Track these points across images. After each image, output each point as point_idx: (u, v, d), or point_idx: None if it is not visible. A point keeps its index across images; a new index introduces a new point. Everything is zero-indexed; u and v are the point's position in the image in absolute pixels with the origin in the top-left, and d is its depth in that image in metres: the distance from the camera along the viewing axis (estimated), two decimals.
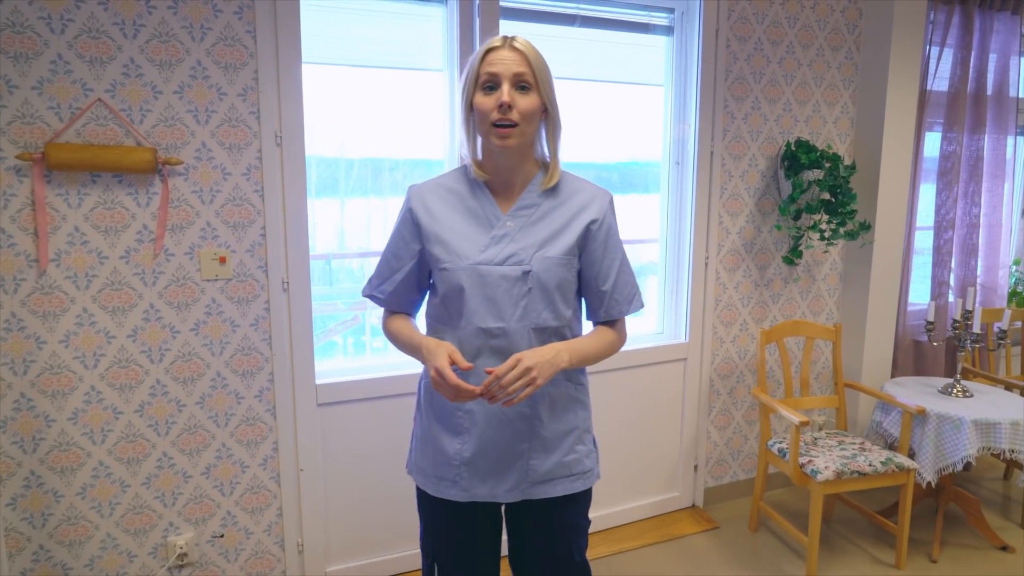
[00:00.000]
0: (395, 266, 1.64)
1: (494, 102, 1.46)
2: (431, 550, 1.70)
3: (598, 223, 1.59)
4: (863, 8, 3.28)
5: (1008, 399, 2.99)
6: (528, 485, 1.60)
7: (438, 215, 1.58)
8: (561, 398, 1.62)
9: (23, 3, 1.98)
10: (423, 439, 1.68)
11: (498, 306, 1.53)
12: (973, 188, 3.61)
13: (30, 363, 2.14)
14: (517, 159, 1.55)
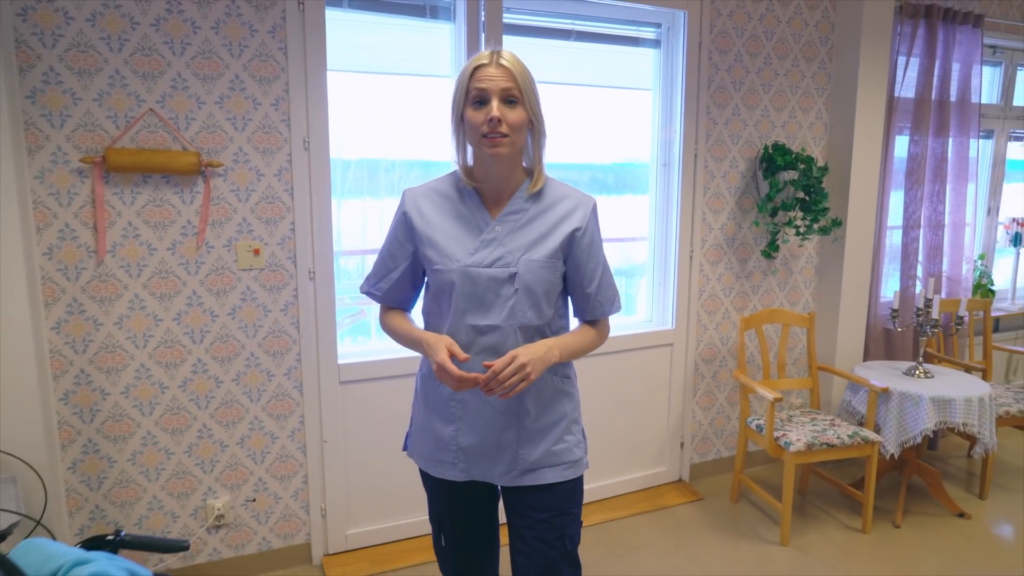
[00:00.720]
0: (391, 265, 1.73)
1: (484, 116, 1.53)
2: (437, 521, 1.83)
3: (582, 230, 1.66)
4: (835, 22, 3.57)
5: (965, 380, 3.28)
6: (518, 472, 1.69)
7: (430, 218, 1.66)
8: (547, 390, 1.70)
9: (87, 25, 2.26)
10: (421, 426, 1.78)
11: (487, 305, 1.61)
12: (938, 188, 3.90)
13: (89, 342, 2.42)
14: (507, 167, 1.62)
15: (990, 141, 4.45)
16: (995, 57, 4.30)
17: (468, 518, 1.80)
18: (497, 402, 1.64)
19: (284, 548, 2.82)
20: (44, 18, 2.22)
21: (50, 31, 2.23)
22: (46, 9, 2.21)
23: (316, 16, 2.53)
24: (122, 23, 2.30)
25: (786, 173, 3.45)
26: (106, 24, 2.29)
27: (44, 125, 2.26)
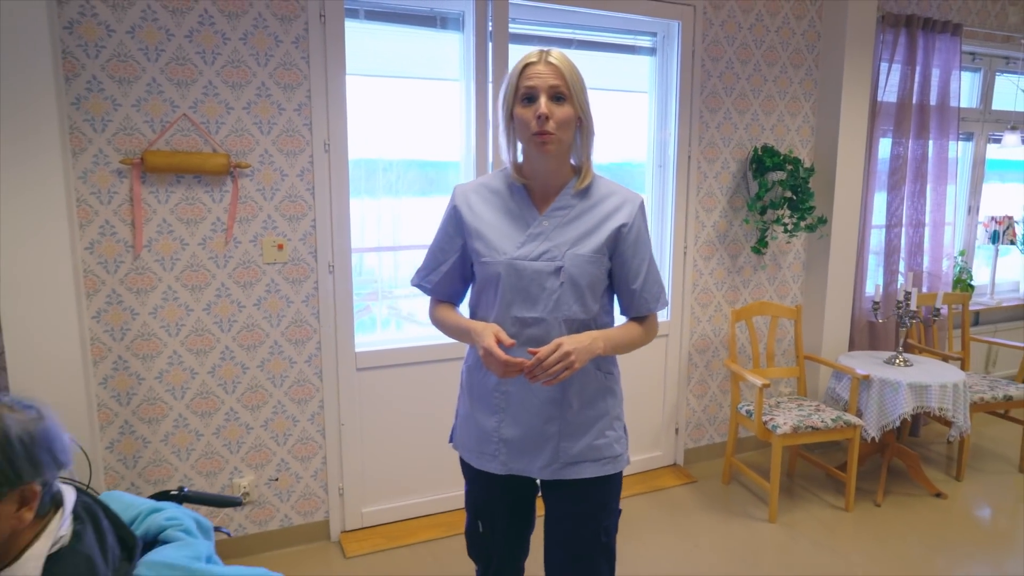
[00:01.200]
0: (441, 258, 1.77)
1: (533, 114, 1.56)
2: (474, 509, 1.86)
3: (628, 226, 1.69)
4: (821, 31, 3.78)
5: (941, 368, 3.49)
6: (559, 466, 1.70)
7: (480, 212, 1.70)
8: (591, 385, 1.71)
9: (127, 37, 2.45)
10: (465, 417, 1.81)
11: (532, 298, 1.64)
12: (920, 188, 4.11)
13: (126, 331, 2.61)
14: (555, 164, 1.65)
15: (970, 143, 4.67)
16: (974, 63, 4.52)
17: (506, 512, 1.82)
18: (541, 394, 1.66)
19: (304, 525, 3.01)
20: (88, 31, 2.40)
21: (93, 43, 2.41)
22: (90, 23, 2.40)
23: (336, 28, 2.73)
24: (159, 35, 2.49)
25: (774, 174, 3.65)
26: (144, 36, 2.47)
27: (87, 129, 2.45)
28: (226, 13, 2.57)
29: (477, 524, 1.85)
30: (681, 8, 3.37)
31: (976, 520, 3.30)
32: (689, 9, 3.39)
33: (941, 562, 2.93)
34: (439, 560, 2.90)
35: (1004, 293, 5.04)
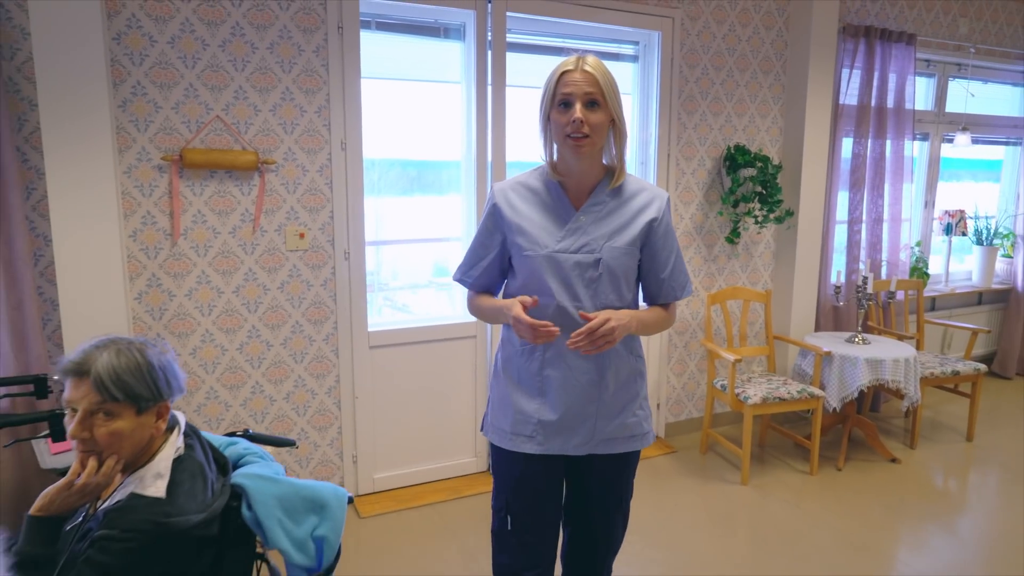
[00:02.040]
0: (481, 254, 1.87)
1: (568, 119, 1.67)
2: (504, 504, 1.90)
3: (658, 220, 1.81)
4: (788, 40, 4.14)
5: (896, 345, 3.87)
6: (595, 443, 1.83)
7: (519, 209, 1.80)
8: (624, 369, 1.84)
9: (167, 47, 2.73)
10: (500, 402, 1.89)
11: (572, 288, 1.75)
12: (878, 184, 4.49)
13: (164, 311, 2.89)
14: (588, 163, 1.76)
15: (926, 143, 5.06)
16: (929, 69, 4.91)
17: (537, 498, 1.89)
18: (581, 377, 1.79)
19: None
20: (133, 41, 2.69)
21: (138, 52, 2.70)
22: (135, 34, 2.68)
23: (352, 38, 3.03)
24: (195, 45, 2.78)
25: (746, 170, 4.01)
26: (182, 45, 2.76)
27: (132, 129, 2.73)
28: (255, 25, 2.86)
29: (507, 520, 1.89)
30: (661, 20, 3.71)
31: (927, 483, 3.67)
32: (668, 21, 3.73)
33: (895, 519, 3.29)
34: (445, 520, 3.21)
35: (958, 281, 5.45)
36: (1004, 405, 4.89)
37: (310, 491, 1.52)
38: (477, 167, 3.39)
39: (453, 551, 2.92)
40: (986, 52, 4.97)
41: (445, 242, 3.58)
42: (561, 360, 1.79)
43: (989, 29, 4.95)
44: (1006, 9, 4.99)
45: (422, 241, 3.57)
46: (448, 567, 2.82)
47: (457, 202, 3.51)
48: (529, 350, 1.82)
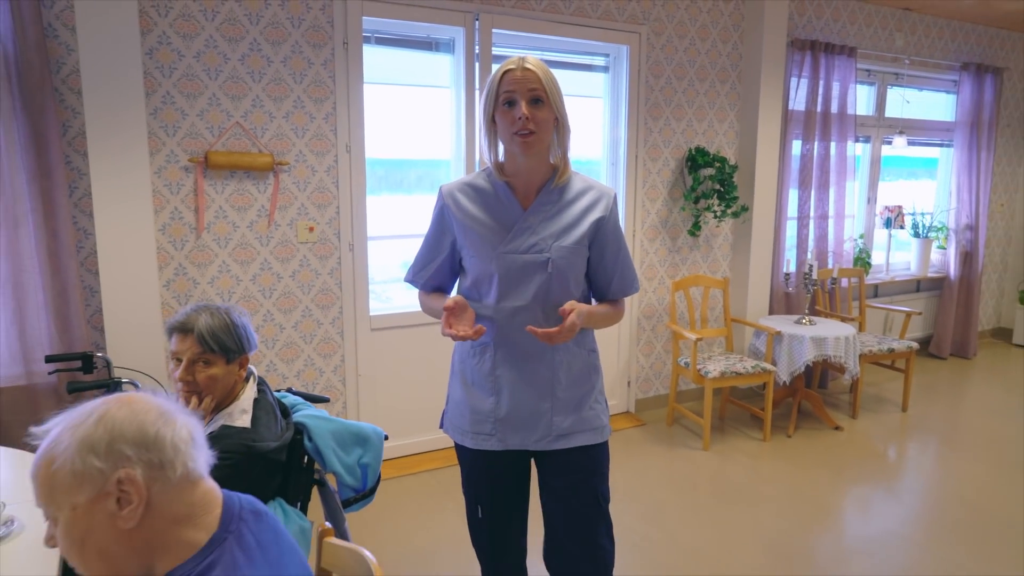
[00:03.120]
0: (431, 256, 1.89)
1: (514, 116, 1.68)
2: (473, 495, 1.95)
3: (605, 219, 1.81)
4: (742, 53, 4.59)
5: (839, 326, 4.35)
6: (552, 438, 1.83)
7: (467, 210, 1.80)
8: (577, 363, 1.85)
9: (193, 61, 3.07)
10: (458, 402, 1.91)
11: (522, 288, 1.76)
12: (824, 182, 4.97)
13: (188, 297, 3.22)
14: (535, 161, 1.76)
15: (868, 145, 5.57)
16: (869, 78, 5.41)
17: (504, 487, 1.92)
18: (532, 375, 1.81)
19: None
20: (164, 56, 3.01)
21: (167, 65, 3.03)
22: (165, 49, 3.01)
23: (356, 53, 3.39)
24: (218, 59, 3.12)
25: (705, 170, 4.45)
26: (207, 60, 3.10)
27: (161, 134, 3.06)
28: (270, 41, 3.21)
29: (477, 509, 1.95)
30: (628, 35, 4.13)
31: (866, 448, 4.16)
32: (635, 36, 4.15)
33: (838, 479, 3.76)
34: (441, 483, 3.59)
35: (898, 271, 5.98)
36: (938, 382, 5.42)
37: (356, 428, 1.89)
38: (466, 166, 3.77)
39: (450, 508, 3.31)
40: (920, 63, 5.50)
41: None
42: (512, 359, 1.80)
43: (922, 43, 5.48)
44: (936, 25, 5.52)
45: (405, 237, 3.94)
46: (446, 518, 3.20)
47: None
48: (480, 351, 1.84)
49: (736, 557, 2.94)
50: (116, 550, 0.94)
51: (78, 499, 0.92)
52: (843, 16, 5.01)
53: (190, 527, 0.98)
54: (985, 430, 4.42)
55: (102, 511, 0.92)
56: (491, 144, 1.79)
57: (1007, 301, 6.66)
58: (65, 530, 0.93)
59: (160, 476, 0.95)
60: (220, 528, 1.00)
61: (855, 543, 3.08)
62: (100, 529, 0.92)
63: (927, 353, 6.11)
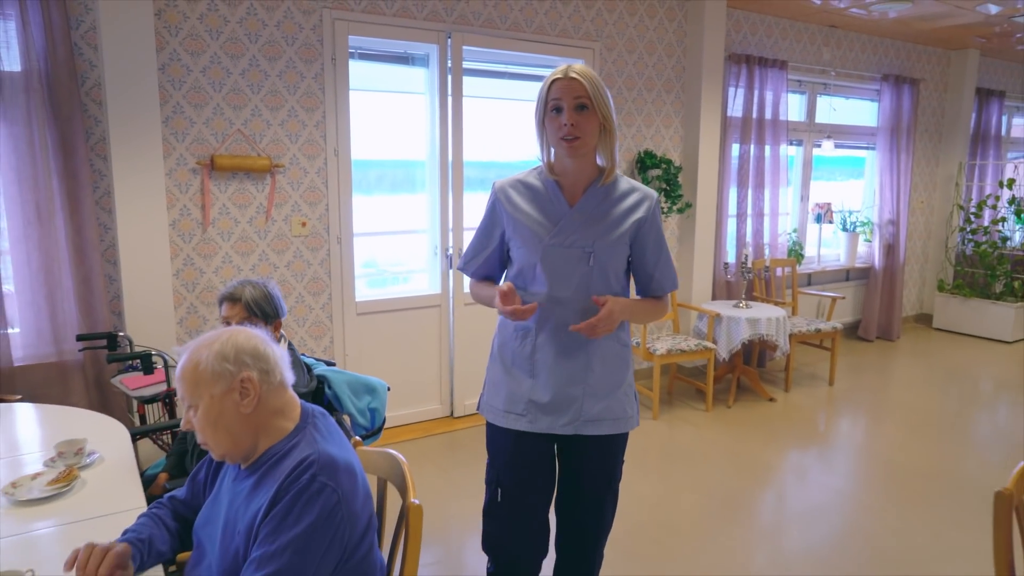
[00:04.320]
0: (483, 246, 2.01)
1: (560, 122, 1.79)
2: (495, 478, 2.00)
3: (647, 219, 1.90)
4: (685, 65, 5.13)
5: (772, 309, 4.91)
6: (581, 423, 1.92)
7: (518, 205, 1.92)
8: (611, 354, 1.93)
9: (200, 75, 3.47)
10: (495, 383, 2.01)
11: (565, 279, 1.86)
12: (760, 182, 5.55)
13: (195, 284, 3.62)
14: (581, 163, 1.87)
15: (800, 148, 6.17)
16: (800, 88, 6.02)
17: (527, 473, 1.98)
18: (569, 361, 1.90)
19: None
20: (174, 70, 3.41)
21: (178, 79, 3.42)
22: (176, 65, 3.41)
23: (342, 67, 3.82)
24: (221, 73, 3.52)
25: (654, 171, 4.97)
26: (211, 74, 3.50)
27: (172, 140, 3.45)
28: (268, 57, 3.62)
29: (496, 493, 1.99)
30: (583, 50, 4.63)
31: (796, 417, 4.73)
32: (590, 51, 4.66)
33: (771, 443, 4.31)
34: (421, 450, 4.04)
35: (828, 262, 6.61)
36: (864, 361, 6.05)
37: (365, 379, 2.34)
38: (440, 165, 4.22)
39: (430, 468, 3.76)
40: (845, 75, 6.12)
41: (410, 234, 4.41)
42: (551, 345, 1.89)
43: (847, 56, 6.11)
44: (859, 40, 6.15)
45: (388, 234, 4.39)
46: (427, 476, 3.65)
47: (422, 200, 4.33)
48: (522, 335, 1.94)
49: (681, 502, 3.45)
50: (237, 429, 1.37)
51: (215, 391, 1.35)
52: (775, 32, 5.60)
53: (283, 418, 1.43)
54: (905, 401, 5.03)
55: (230, 400, 1.36)
56: (543, 146, 1.92)
57: (928, 289, 7.36)
58: (204, 414, 1.36)
59: (267, 380, 1.39)
60: (301, 421, 1.45)
61: (786, 491, 3.63)
62: (228, 413, 1.36)
63: (856, 336, 6.76)
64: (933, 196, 7.21)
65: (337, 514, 1.33)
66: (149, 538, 1.48)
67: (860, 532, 3.17)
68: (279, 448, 1.41)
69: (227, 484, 1.48)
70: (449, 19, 4.10)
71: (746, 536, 3.12)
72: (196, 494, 1.61)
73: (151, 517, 1.56)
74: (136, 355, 2.80)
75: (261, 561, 1.27)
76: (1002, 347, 6.50)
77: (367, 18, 3.85)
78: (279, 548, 1.27)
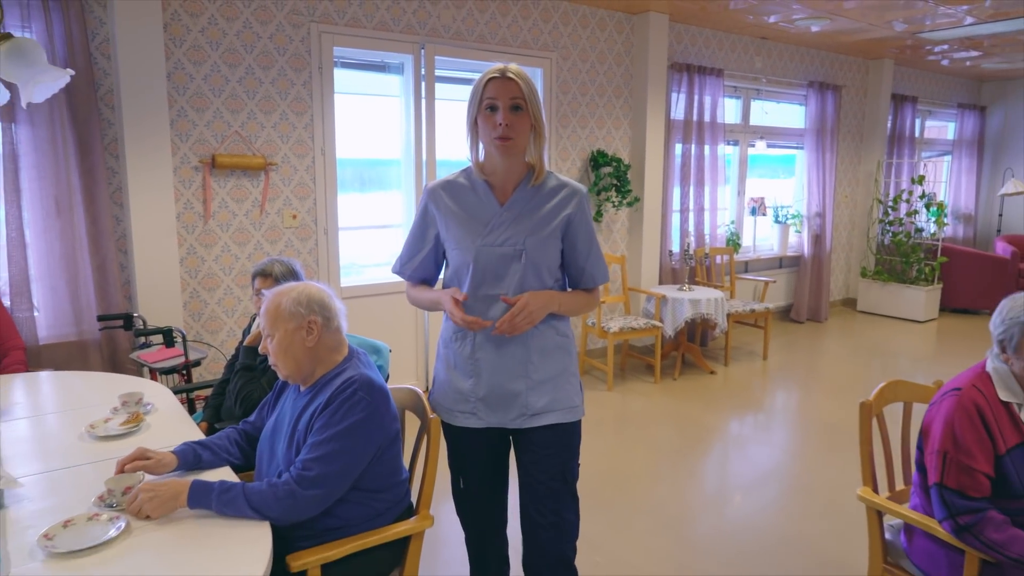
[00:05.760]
0: (417, 248, 2.02)
1: (495, 121, 1.79)
2: (456, 467, 2.11)
3: (576, 214, 1.92)
4: (633, 73, 5.69)
5: (712, 291, 5.50)
6: (527, 416, 1.94)
7: (449, 206, 1.93)
8: (549, 345, 1.95)
9: (202, 82, 3.85)
10: (443, 383, 2.05)
11: (499, 278, 1.88)
12: (700, 179, 6.15)
13: (198, 271, 4.00)
14: (512, 162, 1.87)
15: (736, 147, 6.81)
16: (736, 93, 6.65)
17: (483, 462, 2.07)
18: (508, 357, 1.92)
19: None
20: (179, 78, 3.79)
21: (182, 86, 3.80)
22: (180, 73, 3.79)
23: (328, 75, 4.24)
24: (221, 80, 3.91)
25: (605, 168, 5.52)
26: (212, 81, 3.89)
27: (178, 141, 3.83)
28: (262, 66, 4.03)
29: (459, 480, 2.11)
30: (541, 60, 5.14)
31: (734, 387, 5.33)
32: (547, 60, 5.17)
33: (711, 408, 4.89)
34: None
35: (763, 251, 7.28)
36: (795, 340, 6.72)
37: (371, 341, 2.79)
38: (415, 163, 4.68)
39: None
40: (775, 81, 6.78)
41: (387, 228, 4.85)
42: (490, 343, 1.92)
43: (777, 65, 6.77)
44: (788, 50, 6.82)
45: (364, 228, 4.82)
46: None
47: (398, 196, 4.78)
48: (462, 336, 1.97)
49: (635, 455, 3.99)
50: (301, 356, 1.82)
51: (288, 326, 1.80)
52: (712, 44, 6.21)
53: (336, 353, 1.89)
54: (830, 372, 5.70)
55: (299, 334, 1.81)
56: (473, 145, 1.91)
57: (852, 275, 8.11)
58: (278, 342, 1.81)
59: (327, 324, 1.85)
60: (348, 355, 1.91)
61: (724, 444, 4.21)
62: (296, 344, 1.81)
63: (788, 319, 7.44)
64: (856, 191, 7.95)
65: (372, 420, 1.79)
66: (195, 457, 1.87)
67: (783, 468, 3.76)
68: (331, 373, 1.87)
69: (288, 404, 1.93)
70: (422, 32, 4.56)
71: (691, 477, 3.68)
72: (262, 418, 2.06)
73: (222, 437, 2.00)
74: (159, 330, 3.20)
75: (313, 446, 1.73)
76: (915, 326, 7.26)
77: (350, 31, 4.28)
78: (327, 438, 1.73)
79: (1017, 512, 1.74)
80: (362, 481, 1.81)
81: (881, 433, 2.21)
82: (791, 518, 3.25)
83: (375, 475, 1.84)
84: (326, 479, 1.71)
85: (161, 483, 1.66)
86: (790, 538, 3.06)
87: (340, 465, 1.73)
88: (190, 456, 1.87)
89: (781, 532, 3.12)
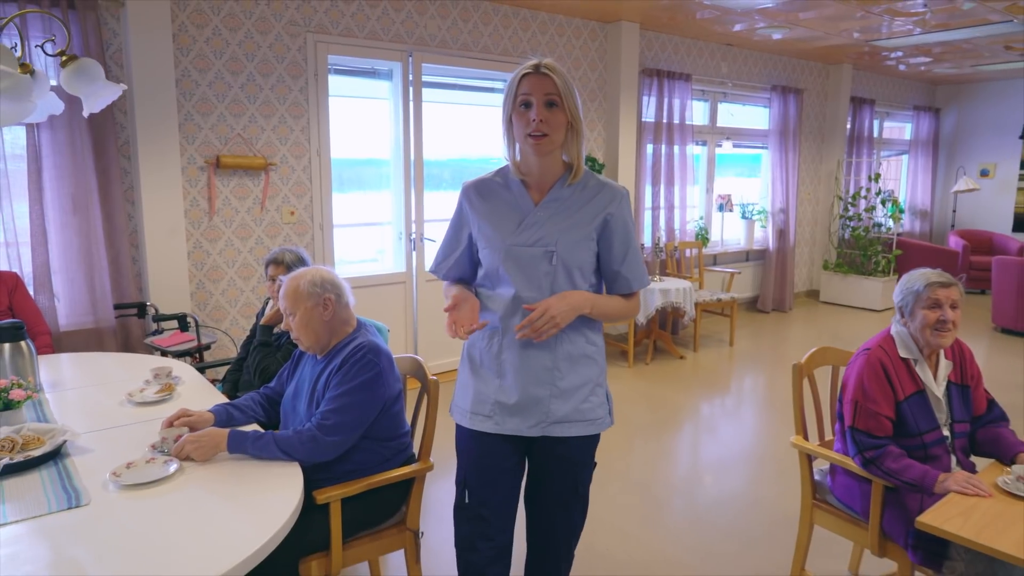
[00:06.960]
0: (452, 248, 1.99)
1: (528, 118, 1.74)
2: (463, 479, 1.99)
3: (614, 216, 1.85)
4: (606, 78, 6.07)
5: (681, 282, 5.89)
6: (547, 424, 1.87)
7: (483, 205, 1.90)
8: (576, 353, 1.87)
9: (207, 88, 4.16)
10: (464, 384, 2.00)
11: (529, 278, 1.83)
12: (671, 177, 6.54)
13: (203, 264, 4.30)
14: (548, 161, 1.82)
15: (705, 148, 7.21)
16: (704, 96, 7.05)
17: (492, 472, 1.96)
18: (534, 362, 1.85)
19: None
20: (186, 85, 4.09)
21: (189, 91, 4.11)
22: (187, 80, 4.09)
23: (323, 81, 4.56)
24: (224, 86, 4.22)
25: None
26: (216, 87, 4.19)
27: (185, 144, 4.13)
28: (262, 73, 4.34)
29: (464, 494, 1.98)
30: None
31: (703, 372, 5.72)
32: None
33: (681, 390, 5.28)
34: None
35: (731, 245, 7.70)
36: (761, 329, 7.15)
37: (372, 322, 3.12)
38: (404, 163, 5.01)
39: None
40: (740, 85, 7.20)
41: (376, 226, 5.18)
42: (518, 345, 1.85)
43: (742, 69, 7.18)
44: (752, 56, 7.24)
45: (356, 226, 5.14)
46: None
47: (387, 194, 5.11)
48: (489, 335, 1.91)
49: (611, 430, 4.35)
50: (319, 329, 2.16)
51: (308, 304, 2.14)
52: (681, 50, 6.60)
53: (347, 325, 2.22)
54: (793, 357, 6.10)
55: (317, 310, 2.14)
56: (509, 143, 1.86)
57: (815, 268, 8.57)
58: (299, 319, 2.14)
59: (340, 300, 2.19)
60: (357, 327, 2.25)
61: (693, 419, 4.59)
62: (314, 318, 2.14)
63: (755, 309, 7.87)
64: (817, 189, 8.41)
65: (379, 380, 2.12)
66: (228, 416, 2.20)
67: (744, 440, 4.16)
68: (344, 341, 2.21)
69: (307, 370, 2.27)
70: (410, 40, 4.89)
71: (660, 447, 4.06)
72: (281, 384, 2.40)
73: (247, 400, 2.33)
74: (176, 316, 3.50)
75: (331, 399, 2.07)
76: (873, 315, 7.72)
77: (343, 40, 4.61)
78: (342, 392, 2.06)
79: (913, 448, 2.13)
80: (372, 431, 2.14)
81: (812, 392, 2.59)
82: (750, 482, 3.64)
83: (382, 427, 2.18)
84: (343, 427, 2.05)
85: (203, 433, 1.99)
86: (749, 498, 3.45)
87: (354, 415, 2.06)
88: (223, 415, 2.20)
89: (740, 493, 3.51)
